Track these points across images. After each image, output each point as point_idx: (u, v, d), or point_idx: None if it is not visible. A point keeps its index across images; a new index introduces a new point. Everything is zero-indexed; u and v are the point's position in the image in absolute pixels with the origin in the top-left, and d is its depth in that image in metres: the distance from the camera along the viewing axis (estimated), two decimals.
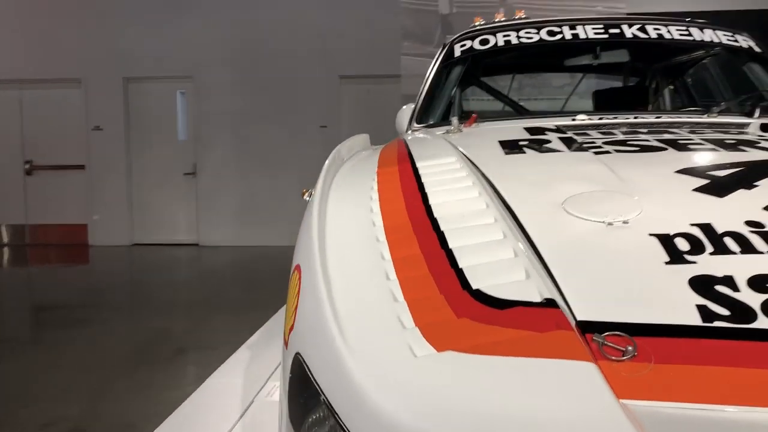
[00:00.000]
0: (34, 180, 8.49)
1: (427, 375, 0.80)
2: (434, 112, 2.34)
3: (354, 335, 0.88)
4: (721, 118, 1.94)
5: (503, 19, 2.64)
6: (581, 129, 1.80)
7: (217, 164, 8.34)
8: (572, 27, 2.37)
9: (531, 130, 1.77)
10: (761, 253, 1.00)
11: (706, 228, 1.07)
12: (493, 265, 0.98)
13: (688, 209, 1.14)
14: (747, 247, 1.01)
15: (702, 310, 0.89)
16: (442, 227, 1.09)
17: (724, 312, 0.89)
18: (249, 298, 5.48)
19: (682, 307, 0.90)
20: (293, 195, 8.40)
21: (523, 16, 2.64)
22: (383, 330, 0.88)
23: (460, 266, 0.98)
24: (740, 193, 1.19)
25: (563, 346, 0.81)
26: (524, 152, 1.53)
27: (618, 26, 2.37)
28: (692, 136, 1.64)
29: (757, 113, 1.95)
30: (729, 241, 1.03)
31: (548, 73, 3.13)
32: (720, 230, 1.06)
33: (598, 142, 1.60)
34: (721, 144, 1.54)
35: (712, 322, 0.87)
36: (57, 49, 8.17)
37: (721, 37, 2.40)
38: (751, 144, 1.54)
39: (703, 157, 1.42)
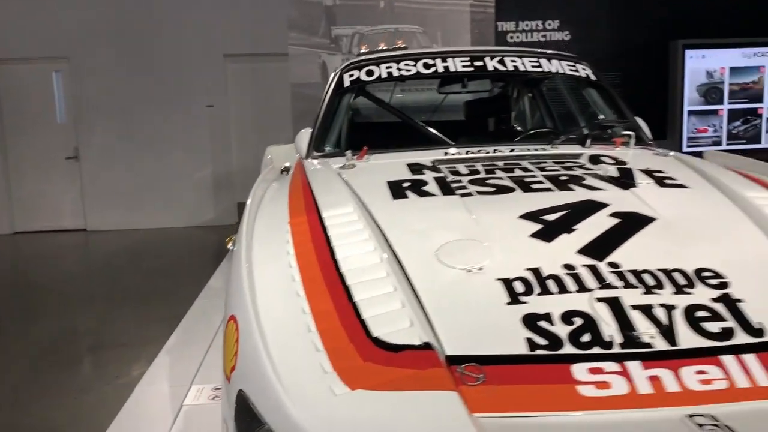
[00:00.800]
0: None
1: (345, 408, 1.15)
2: (330, 139, 2.65)
3: (287, 378, 1.21)
4: (562, 149, 2.38)
5: (385, 47, 2.97)
6: (452, 164, 2.19)
7: (100, 147, 8.17)
8: (444, 59, 2.74)
9: (412, 168, 2.13)
10: (570, 292, 1.41)
11: (536, 272, 1.47)
12: (387, 315, 1.34)
13: (524, 254, 1.54)
14: (562, 288, 1.43)
15: (529, 341, 1.29)
16: (348, 282, 1.43)
17: (543, 342, 1.29)
18: (152, 287, 5.48)
19: (516, 340, 1.30)
20: (182, 175, 8.45)
21: (403, 45, 2.98)
22: (310, 373, 1.22)
23: (363, 317, 1.33)
24: (562, 238, 1.60)
25: (436, 380, 1.19)
26: (407, 197, 1.89)
27: (481, 59, 2.77)
28: (536, 172, 2.05)
29: (588, 143, 2.41)
30: (550, 283, 1.44)
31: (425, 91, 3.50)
32: (545, 273, 1.47)
33: (464, 181, 1.99)
34: (556, 182, 1.96)
35: (535, 351, 1.28)
36: None
37: (565, 67, 2.85)
38: (578, 181, 1.97)
39: (540, 201, 1.82)
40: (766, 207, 1.77)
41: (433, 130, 2.60)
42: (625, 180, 1.98)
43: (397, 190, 1.93)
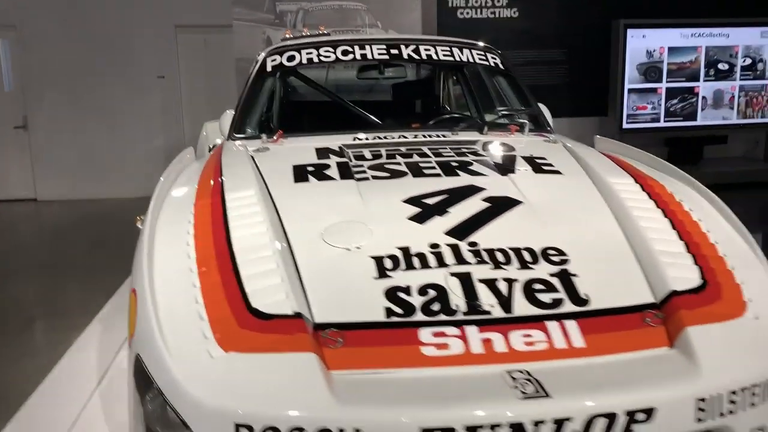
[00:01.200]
0: None
1: (219, 368, 1.35)
2: (251, 122, 2.81)
3: (173, 343, 1.41)
4: (462, 136, 2.59)
5: (307, 33, 3.13)
6: (359, 149, 2.38)
7: (50, 116, 8.14)
8: (362, 47, 2.91)
9: (319, 152, 2.32)
10: (430, 268, 1.63)
11: (405, 250, 1.69)
12: (266, 289, 1.54)
13: (399, 235, 1.75)
14: (424, 264, 1.64)
15: (387, 310, 1.51)
16: (237, 259, 1.63)
17: (399, 311, 1.51)
18: (99, 257, 5.51)
19: (376, 309, 1.51)
20: (133, 146, 8.48)
21: (325, 31, 3.14)
22: (192, 339, 1.41)
23: (246, 291, 1.53)
24: (435, 220, 1.82)
25: (299, 343, 1.40)
26: (308, 180, 2.08)
27: (397, 47, 2.95)
28: (431, 158, 2.26)
29: (485, 129, 2.63)
30: (415, 260, 1.65)
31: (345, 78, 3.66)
32: (413, 251, 1.68)
33: (365, 166, 2.19)
34: (446, 167, 2.17)
35: (390, 318, 1.50)
36: None
37: (475, 56, 3.05)
38: (465, 167, 2.19)
39: (425, 186, 2.02)
40: (623, 192, 2.01)
41: (361, 111, 2.77)
42: (506, 166, 2.20)
43: (300, 173, 2.12)
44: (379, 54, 2.91)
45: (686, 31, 8.03)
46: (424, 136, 2.56)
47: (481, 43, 3.22)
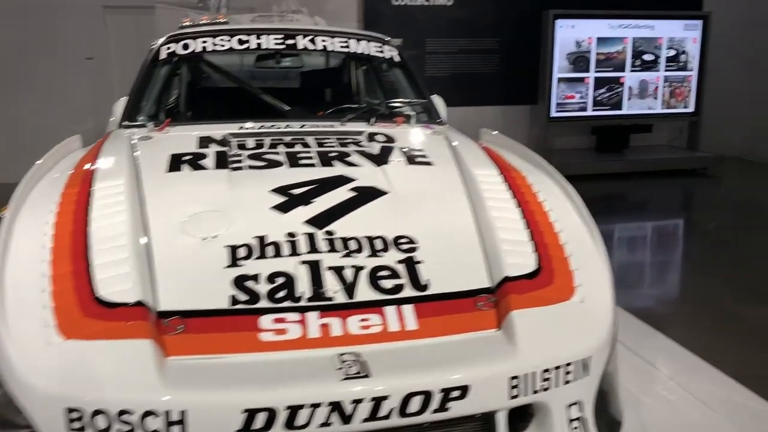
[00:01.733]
0: None
1: (57, 355, 1.41)
2: (143, 110, 2.82)
3: (15, 331, 1.45)
4: (349, 126, 2.66)
5: (206, 21, 3.14)
6: (243, 137, 2.43)
7: None
8: (258, 36, 2.95)
9: (201, 140, 2.36)
10: (282, 256, 1.71)
11: (261, 239, 1.76)
12: (114, 278, 1.59)
13: (258, 224, 1.82)
14: (277, 253, 1.72)
15: (232, 298, 1.58)
16: (92, 249, 1.67)
17: (244, 298, 1.58)
18: None
19: (221, 297, 1.58)
20: (61, 129, 8.25)
21: (224, 20, 3.16)
22: (34, 327, 1.46)
23: (94, 280, 1.58)
24: (297, 210, 1.89)
25: (136, 330, 1.46)
26: (181, 170, 2.12)
27: (294, 37, 3.00)
28: (312, 148, 2.32)
29: (373, 120, 2.71)
30: (269, 249, 1.73)
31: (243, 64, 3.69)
32: (268, 240, 1.75)
33: (244, 155, 2.24)
34: (324, 157, 2.24)
35: (234, 305, 1.57)
36: None
37: (372, 48, 3.12)
38: (343, 157, 2.26)
39: (297, 175, 2.09)
40: (485, 184, 2.12)
41: (259, 99, 2.81)
42: (382, 157, 2.28)
43: (175, 163, 2.16)
44: (276, 44, 2.95)
45: (614, 22, 8.27)
46: (313, 126, 2.62)
47: (380, 36, 3.29)
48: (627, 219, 6.35)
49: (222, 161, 2.18)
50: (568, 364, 1.53)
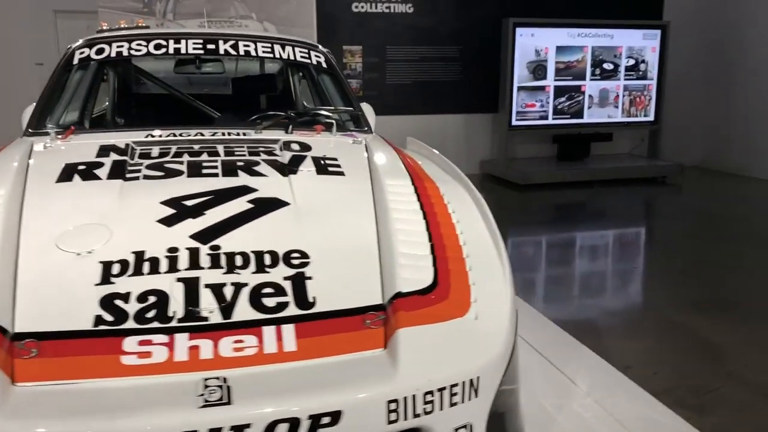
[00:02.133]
0: None
1: None
2: (52, 117, 2.69)
3: None
4: (265, 134, 2.56)
5: (125, 25, 3.03)
6: (149, 146, 2.32)
7: None
8: (177, 41, 2.85)
9: (102, 149, 2.24)
10: (159, 273, 1.60)
11: (139, 255, 1.64)
12: None
13: (139, 239, 1.71)
14: (154, 270, 1.61)
15: (97, 318, 1.47)
16: None
17: (110, 318, 1.47)
18: None
19: (84, 317, 1.47)
20: (9, 134, 8.07)
21: (143, 24, 3.05)
22: None
23: None
24: (185, 223, 1.78)
25: None
26: (71, 180, 2.00)
27: (215, 42, 2.90)
28: (219, 158, 2.22)
29: (290, 128, 2.61)
30: (146, 265, 1.62)
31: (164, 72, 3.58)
32: (147, 256, 1.64)
33: (144, 165, 2.13)
34: (229, 167, 2.14)
35: (98, 326, 1.46)
36: None
37: (297, 53, 3.03)
38: (250, 166, 2.16)
39: (194, 186, 1.98)
40: (394, 195, 2.03)
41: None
42: (291, 167, 2.19)
43: (68, 173, 2.04)
44: (194, 49, 2.85)
45: (573, 30, 8.29)
46: (225, 134, 2.52)
47: (308, 42, 3.20)
48: (585, 227, 6.34)
49: (118, 171, 2.07)
50: (454, 385, 1.45)
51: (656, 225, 6.76)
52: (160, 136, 2.45)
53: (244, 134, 2.53)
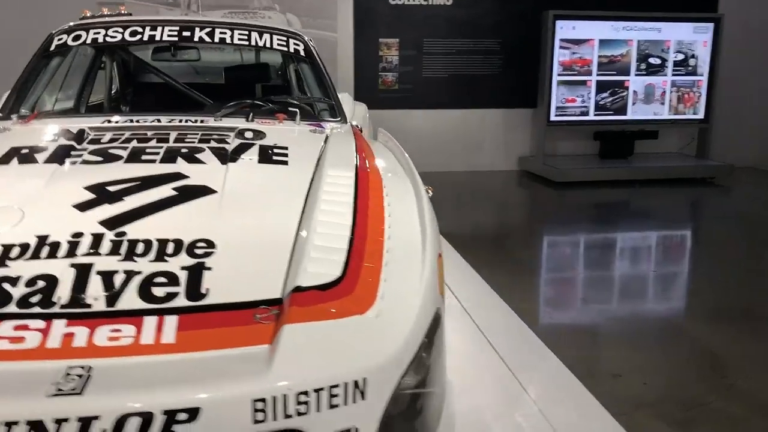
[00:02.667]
0: None
1: None
2: (25, 103, 2.72)
3: None
4: (225, 122, 2.52)
5: (107, 13, 3.05)
6: (102, 131, 2.31)
7: None
8: (153, 28, 2.84)
9: (53, 134, 2.25)
10: (56, 258, 1.57)
11: (42, 238, 1.62)
12: None
13: (48, 222, 1.69)
14: (52, 254, 1.58)
15: None
16: None
17: None
18: None
19: None
20: None
21: (125, 11, 3.06)
22: None
23: None
24: (99, 209, 1.75)
25: None
26: (8, 163, 2.01)
27: (191, 29, 2.87)
28: (163, 145, 2.19)
29: (250, 116, 2.56)
30: (45, 249, 1.59)
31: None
32: (50, 240, 1.62)
33: (88, 150, 2.12)
34: (169, 153, 2.11)
35: None
36: None
37: (274, 41, 2.98)
38: (192, 154, 2.12)
39: (126, 171, 1.96)
40: (332, 186, 1.96)
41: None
42: (234, 155, 2.14)
43: (9, 155, 2.05)
44: (169, 36, 2.84)
45: (617, 23, 7.97)
46: (183, 121, 2.49)
47: (290, 30, 3.14)
48: (620, 229, 6.08)
49: (60, 155, 2.06)
50: (334, 386, 1.36)
51: (696, 227, 6.42)
52: (117, 122, 2.44)
53: (202, 121, 2.50)
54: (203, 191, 1.87)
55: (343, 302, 1.52)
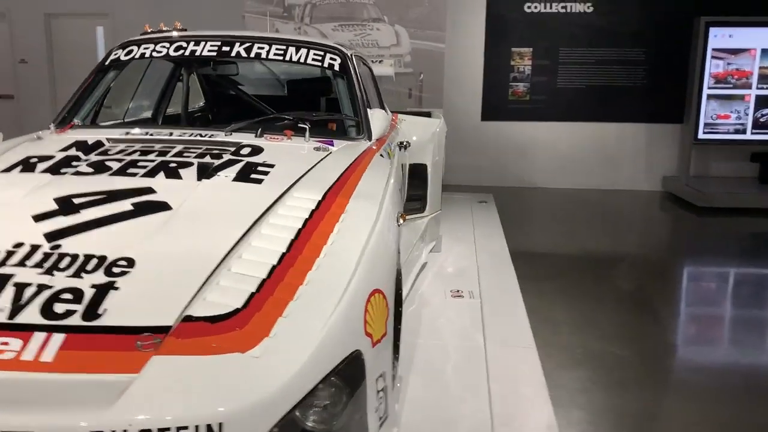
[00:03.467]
0: None
1: None
2: (79, 112, 2.90)
3: None
4: (234, 137, 2.52)
5: (165, 29, 3.18)
6: (118, 142, 2.42)
7: None
8: (196, 43, 2.92)
9: (70, 145, 2.38)
10: (4, 265, 1.64)
11: None
12: None
13: (1, 231, 1.78)
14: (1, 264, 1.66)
15: None
16: None
17: None
18: None
19: None
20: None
21: (180, 27, 3.18)
22: None
23: None
24: (53, 220, 1.82)
25: None
26: (10, 171, 2.16)
27: (231, 44, 2.92)
28: (156, 158, 2.23)
29: (259, 131, 2.54)
30: None
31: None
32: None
33: (87, 161, 2.23)
34: (156, 168, 2.14)
35: None
36: None
37: (311, 56, 2.93)
38: (176, 169, 2.14)
39: (101, 184, 2.02)
40: (289, 209, 1.89)
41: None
42: (214, 171, 2.13)
43: (18, 164, 2.20)
44: (210, 51, 2.90)
45: None
46: (194, 135, 2.53)
47: (329, 44, 3.07)
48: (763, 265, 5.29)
49: (59, 165, 2.18)
50: (183, 428, 1.29)
51: None
52: (137, 134, 2.55)
53: (212, 136, 2.53)
54: (159, 207, 1.88)
55: (228, 337, 1.45)
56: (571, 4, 7.75)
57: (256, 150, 2.35)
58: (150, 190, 1.98)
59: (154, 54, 2.96)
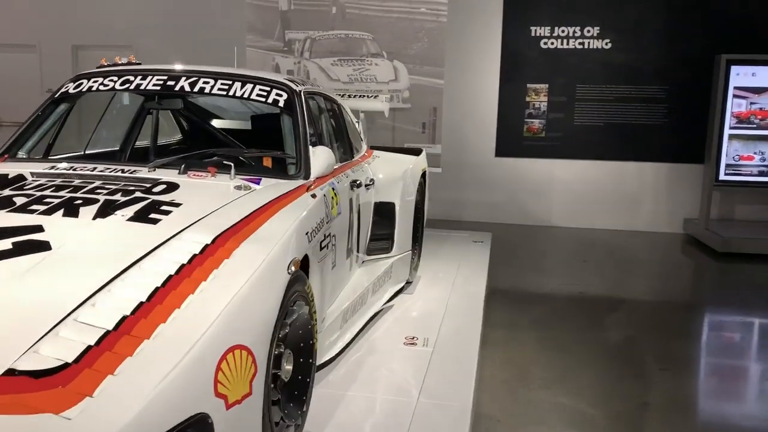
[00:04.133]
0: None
1: None
2: (25, 145, 2.91)
3: None
4: (157, 173, 2.47)
5: (120, 62, 3.18)
6: (39, 177, 2.40)
7: None
8: (143, 78, 2.90)
9: None
10: None
11: None
12: None
13: None
14: None
15: None
16: None
17: None
18: None
19: None
20: None
21: (133, 60, 3.18)
22: None
23: None
24: None
25: None
26: None
27: (177, 79, 2.88)
28: (67, 194, 2.19)
29: (182, 168, 2.48)
30: None
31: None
32: None
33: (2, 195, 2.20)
34: (59, 205, 2.10)
35: None
36: (13, 16, 9.02)
37: (256, 91, 2.86)
38: (79, 206, 2.09)
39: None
40: (173, 251, 1.83)
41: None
42: (111, 210, 2.08)
43: None
44: (155, 85, 2.88)
45: None
46: (118, 171, 2.49)
47: (277, 80, 3.00)
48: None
49: None
50: None
51: None
52: (61, 168, 2.53)
53: (133, 172, 2.48)
54: (38, 248, 1.83)
55: (47, 395, 1.36)
56: (588, 41, 7.60)
57: (171, 187, 2.29)
58: (39, 229, 1.93)
59: (101, 88, 2.95)
